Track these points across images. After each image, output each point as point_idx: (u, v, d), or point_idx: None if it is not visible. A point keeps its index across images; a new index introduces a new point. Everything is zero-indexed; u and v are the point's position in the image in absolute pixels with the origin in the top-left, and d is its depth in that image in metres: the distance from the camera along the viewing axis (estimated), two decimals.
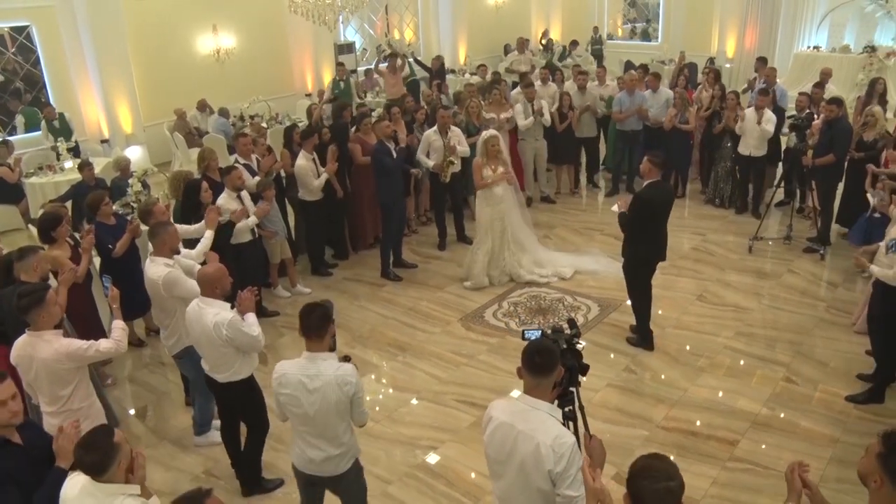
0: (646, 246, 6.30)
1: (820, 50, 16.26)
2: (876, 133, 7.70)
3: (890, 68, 14.94)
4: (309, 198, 8.13)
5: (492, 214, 7.78)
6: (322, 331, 3.65)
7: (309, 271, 8.53)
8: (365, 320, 7.36)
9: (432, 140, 8.66)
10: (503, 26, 18.98)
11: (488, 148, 7.67)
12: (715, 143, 9.93)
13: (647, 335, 6.63)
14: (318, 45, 14.56)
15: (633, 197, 6.24)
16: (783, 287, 7.69)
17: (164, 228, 5.10)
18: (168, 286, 4.88)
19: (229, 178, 6.80)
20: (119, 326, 4.47)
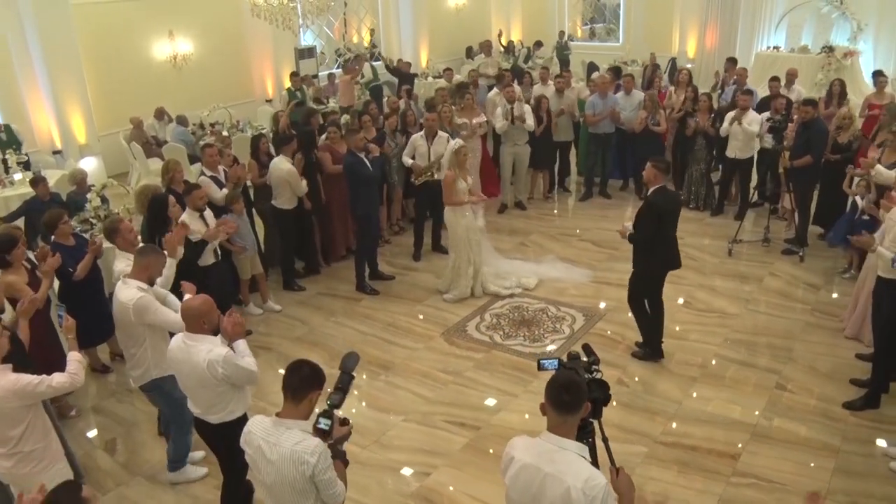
0: (660, 255, 6.10)
1: (780, 50, 16.40)
2: (850, 135, 7.64)
3: (847, 68, 15.12)
4: (286, 206, 7.79)
5: (467, 226, 7.52)
6: (300, 394, 3.20)
7: (280, 286, 8.17)
8: (343, 338, 7.04)
9: (418, 144, 8.43)
10: (464, 29, 18.78)
11: (459, 158, 7.40)
12: (688, 145, 9.84)
13: (657, 347, 6.41)
14: (278, 50, 14.16)
15: (644, 204, 6.04)
16: (766, 291, 7.60)
17: (155, 253, 4.72)
18: (139, 312, 4.49)
19: (191, 199, 6.41)
20: (75, 359, 4.11)
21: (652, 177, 5.97)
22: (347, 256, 8.73)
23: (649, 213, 5.94)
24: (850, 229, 7.54)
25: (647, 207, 5.98)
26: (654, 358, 6.38)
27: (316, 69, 14.87)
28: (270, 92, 14.26)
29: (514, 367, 6.40)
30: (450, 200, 7.43)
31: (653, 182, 5.99)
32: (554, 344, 6.71)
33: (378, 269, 8.21)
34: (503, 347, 6.72)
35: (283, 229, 7.99)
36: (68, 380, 3.95)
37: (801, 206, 8.28)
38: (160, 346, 4.58)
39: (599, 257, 8.60)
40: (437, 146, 8.39)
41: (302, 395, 3.22)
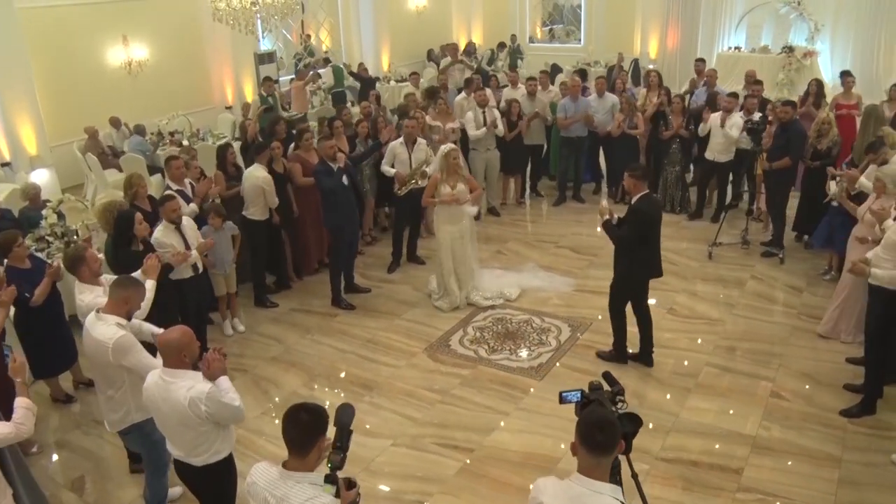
0: (643, 263, 6.00)
1: (741, 50, 16.53)
2: (829, 141, 7.56)
3: (807, 68, 15.31)
4: (258, 216, 7.43)
5: (452, 233, 7.32)
6: (306, 446, 2.92)
7: (251, 303, 7.80)
8: (321, 356, 6.72)
9: (398, 152, 8.15)
10: (424, 32, 18.55)
11: (449, 162, 7.19)
12: (663, 148, 9.74)
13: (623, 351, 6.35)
14: (238, 55, 13.71)
15: (630, 210, 5.90)
16: (751, 295, 7.51)
17: (134, 285, 4.29)
18: (119, 353, 4.06)
19: (165, 210, 6.04)
20: (22, 405, 3.71)
21: (632, 186, 5.88)
22: (320, 270, 8.42)
23: (634, 219, 5.84)
24: (829, 230, 7.53)
25: (632, 214, 5.87)
26: (618, 361, 6.29)
27: (276, 74, 14.44)
28: (230, 98, 13.81)
29: (502, 383, 6.16)
30: (427, 200, 7.35)
31: (634, 191, 5.88)
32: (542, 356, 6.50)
33: (354, 282, 7.90)
34: (489, 362, 6.48)
35: (254, 242, 7.64)
36: (12, 430, 3.57)
37: (777, 209, 8.22)
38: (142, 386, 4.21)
39: (580, 264, 8.43)
40: (417, 153, 8.13)
41: (308, 446, 2.93)
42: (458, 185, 7.24)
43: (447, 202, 7.18)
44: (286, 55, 16.10)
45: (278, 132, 8.68)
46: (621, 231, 5.95)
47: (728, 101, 9.00)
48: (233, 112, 13.37)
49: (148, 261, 5.02)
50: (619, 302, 6.27)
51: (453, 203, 7.22)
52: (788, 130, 7.78)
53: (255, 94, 13.73)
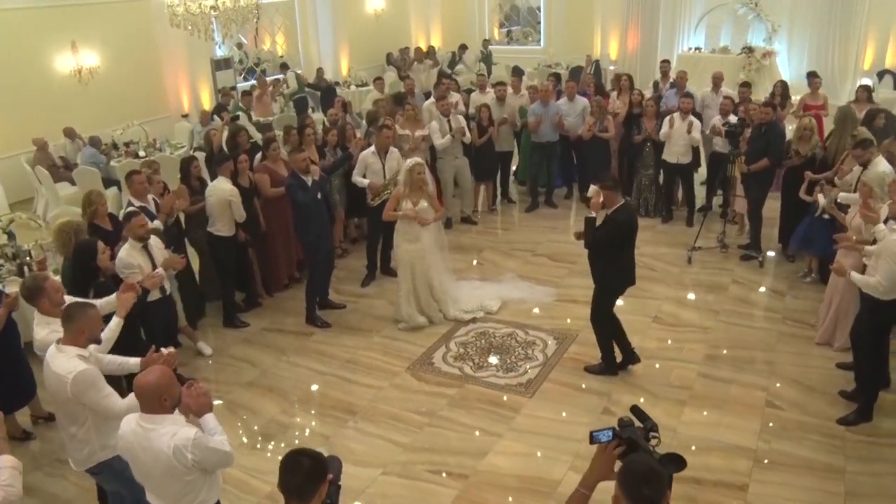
0: (619, 271, 5.93)
1: (701, 51, 16.62)
2: (811, 147, 7.48)
3: (767, 68, 15.45)
4: (225, 232, 7.06)
5: (411, 252, 6.98)
6: (307, 495, 2.67)
7: (220, 323, 7.41)
8: (299, 379, 6.39)
9: (370, 162, 7.83)
10: (384, 35, 18.23)
11: (413, 177, 6.85)
12: (635, 151, 9.65)
13: (611, 362, 6.20)
14: (194, 62, 13.22)
15: (607, 220, 5.73)
16: (734, 300, 7.42)
17: (84, 311, 3.91)
18: (80, 388, 3.71)
19: (131, 227, 5.61)
20: (8, 465, 3.30)
21: (606, 197, 5.74)
22: (291, 285, 8.09)
23: (611, 228, 5.72)
24: (806, 232, 7.48)
25: (610, 223, 5.73)
26: (608, 373, 6.17)
27: (234, 81, 14.01)
28: (186, 107, 13.30)
29: (491, 402, 5.92)
30: (388, 214, 6.99)
31: (610, 201, 5.73)
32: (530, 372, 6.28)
33: (328, 297, 7.58)
34: (476, 380, 6.23)
35: (220, 259, 7.27)
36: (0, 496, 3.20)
37: (754, 211, 8.15)
38: (107, 423, 3.85)
39: (559, 273, 8.25)
40: (390, 162, 7.85)
41: (309, 496, 2.65)
42: (421, 202, 6.90)
43: (410, 217, 6.84)
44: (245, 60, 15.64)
45: (240, 143, 8.30)
46: (599, 233, 5.81)
47: (685, 102, 8.94)
48: (189, 120, 12.86)
49: (122, 294, 4.61)
50: (602, 311, 6.15)
51: (415, 221, 6.88)
52: (768, 132, 7.71)
53: (212, 101, 13.26)
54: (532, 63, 17.87)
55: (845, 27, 15.27)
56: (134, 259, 5.59)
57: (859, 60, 15.29)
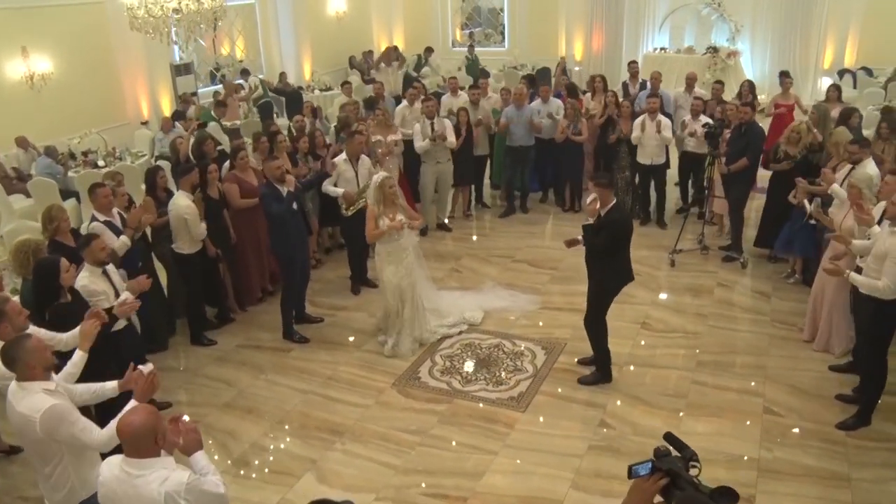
0: (616, 272, 5.85)
1: (666, 51, 16.66)
2: (801, 148, 7.39)
3: (732, 68, 15.55)
4: (188, 250, 6.71)
5: (398, 273, 6.59)
6: None
7: (188, 341, 7.05)
8: (279, 399, 6.07)
9: (343, 170, 7.52)
10: (346, 38, 17.90)
11: (385, 192, 6.45)
12: (611, 153, 9.52)
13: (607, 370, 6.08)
14: (153, 67, 12.73)
15: (606, 222, 5.63)
16: (720, 303, 7.33)
17: (20, 346, 3.52)
18: (50, 425, 3.36)
19: (90, 252, 5.21)
20: None
21: (602, 195, 5.67)
22: (264, 299, 7.77)
23: (611, 230, 5.63)
24: (789, 236, 7.43)
25: (609, 225, 5.64)
26: (604, 381, 6.04)
27: (195, 86, 13.55)
28: (146, 113, 12.80)
29: (483, 417, 5.69)
30: (372, 234, 6.55)
31: (605, 200, 5.67)
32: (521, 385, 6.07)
33: (305, 311, 7.28)
34: (466, 395, 6.00)
35: (187, 277, 6.92)
36: None
37: (735, 212, 8.08)
38: (85, 457, 3.53)
39: (541, 279, 8.07)
40: (362, 169, 7.58)
41: None
42: (398, 216, 6.53)
43: (397, 228, 6.46)
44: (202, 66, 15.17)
45: (207, 151, 7.94)
46: (598, 240, 5.69)
47: (651, 102, 8.86)
48: (149, 128, 12.41)
49: (87, 323, 4.25)
50: (596, 315, 6.00)
51: (402, 230, 6.52)
52: (747, 132, 7.64)
53: (173, 108, 12.81)
54: (497, 65, 17.75)
55: (806, 27, 15.45)
56: (97, 285, 5.21)
57: (819, 60, 15.49)
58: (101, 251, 5.28)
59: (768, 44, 16.03)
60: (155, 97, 12.91)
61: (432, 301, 7.09)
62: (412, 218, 6.77)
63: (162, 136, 10.79)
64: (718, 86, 10.09)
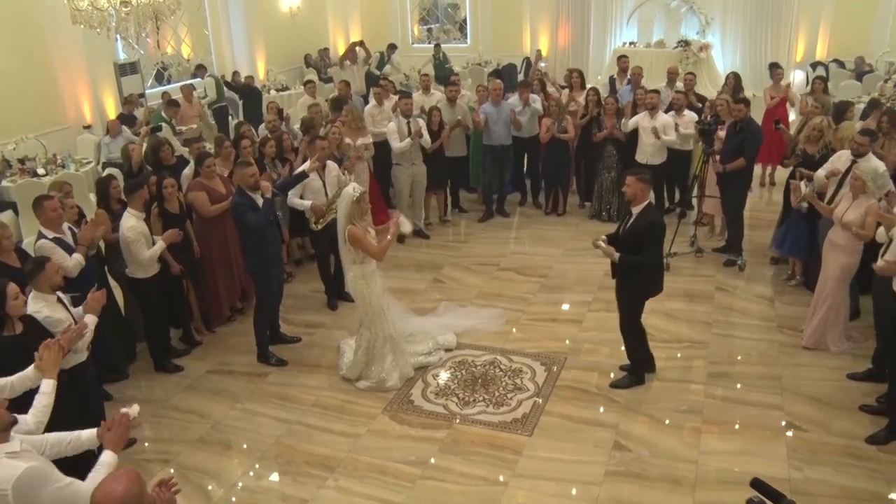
0: (652, 273, 5.70)
1: (636, 45, 16.60)
2: (821, 147, 7.15)
3: (704, 61, 15.56)
4: (141, 274, 6.21)
5: (379, 290, 6.06)
6: None
7: (151, 368, 6.55)
8: (260, 431, 5.63)
9: (308, 180, 7.03)
10: (301, 36, 17.41)
11: (363, 208, 5.93)
12: (596, 152, 9.31)
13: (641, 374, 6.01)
14: (95, 66, 12.02)
15: (645, 226, 5.47)
16: (724, 309, 7.14)
17: None
18: (28, 493, 2.89)
19: (45, 277, 4.72)
20: None
21: (638, 191, 5.51)
22: (234, 318, 7.34)
23: (653, 234, 5.47)
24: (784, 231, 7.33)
25: (649, 229, 5.46)
26: (637, 383, 5.96)
27: (142, 86, 12.91)
28: (88, 116, 12.10)
29: (487, 443, 5.35)
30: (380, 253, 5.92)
31: (639, 198, 5.52)
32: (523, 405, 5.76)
33: (280, 331, 6.85)
34: (466, 419, 5.65)
35: (145, 303, 6.42)
36: None
37: (733, 213, 7.91)
38: None
39: (529, 288, 7.78)
40: (329, 177, 7.19)
41: None
42: (369, 232, 6.00)
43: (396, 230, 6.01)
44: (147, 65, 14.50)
45: (163, 158, 7.45)
46: (644, 256, 5.49)
47: (651, 97, 8.65)
48: (93, 132, 11.75)
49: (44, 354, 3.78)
50: (633, 319, 5.87)
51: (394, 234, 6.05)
52: (743, 130, 7.47)
53: (118, 110, 12.15)
54: (460, 62, 17.46)
55: (776, 20, 15.59)
56: (56, 313, 4.73)
57: (791, 53, 15.62)
58: (55, 274, 4.79)
59: (739, 37, 16.13)
60: (98, 98, 12.22)
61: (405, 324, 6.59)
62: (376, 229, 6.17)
63: (109, 140, 10.17)
64: (691, 76, 9.98)
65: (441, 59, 15.96)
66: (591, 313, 7.21)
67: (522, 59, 17.06)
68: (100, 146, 10.74)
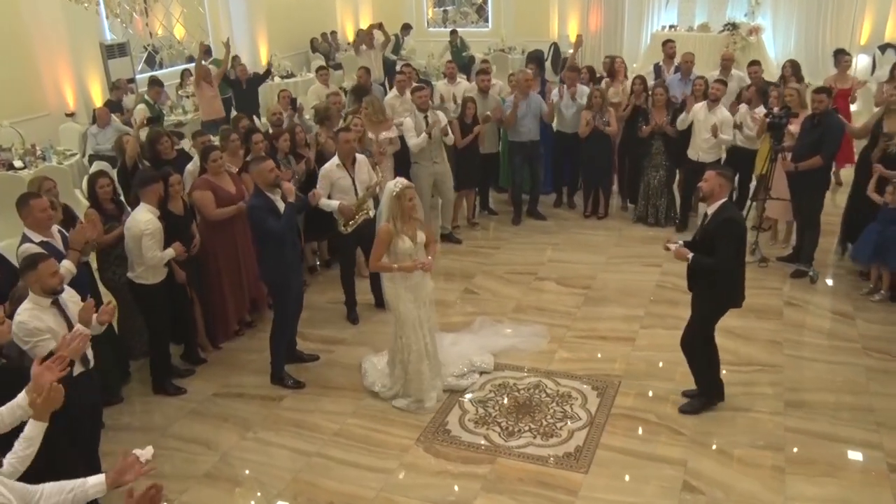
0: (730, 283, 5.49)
1: (676, 29, 16.34)
2: None
3: (753, 46, 15.26)
4: (151, 279, 5.97)
5: (416, 301, 5.86)
6: None
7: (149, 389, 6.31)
8: (276, 465, 5.37)
9: (336, 178, 6.83)
10: (306, 18, 17.28)
11: (404, 205, 5.65)
12: (642, 148, 9.04)
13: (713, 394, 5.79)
14: (79, 48, 11.81)
15: (723, 223, 5.30)
16: (796, 328, 6.87)
17: None
18: None
19: (36, 278, 4.48)
20: None
21: (717, 188, 5.38)
22: (243, 332, 7.13)
23: (731, 233, 5.28)
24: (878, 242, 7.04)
25: (727, 226, 5.28)
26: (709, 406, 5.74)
27: (132, 71, 12.70)
28: (72, 103, 11.89)
29: (537, 481, 5.07)
30: (378, 264, 5.77)
31: (717, 195, 5.38)
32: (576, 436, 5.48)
33: (297, 348, 6.62)
34: (511, 452, 5.38)
35: (149, 313, 6.18)
36: None
37: (809, 218, 7.61)
38: None
39: (573, 301, 7.52)
40: (359, 174, 6.94)
41: None
42: (418, 234, 5.79)
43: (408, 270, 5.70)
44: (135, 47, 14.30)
45: (161, 152, 7.20)
46: (720, 258, 5.29)
47: (717, 87, 8.37)
48: (77, 120, 11.54)
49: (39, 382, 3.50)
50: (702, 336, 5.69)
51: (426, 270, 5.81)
52: (822, 123, 7.17)
53: (104, 96, 11.95)
54: (481, 48, 17.25)
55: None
56: (42, 321, 4.46)
57: (855, 34, 15.22)
58: (51, 277, 4.52)
59: (794, 18, 15.81)
60: (83, 83, 12.02)
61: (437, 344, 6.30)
62: (430, 238, 6.02)
63: (97, 130, 9.98)
64: (756, 67, 9.57)
65: (458, 46, 15.72)
66: (644, 330, 6.96)
67: (550, 44, 16.81)
68: (86, 136, 10.54)
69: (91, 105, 11.66)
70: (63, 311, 4.66)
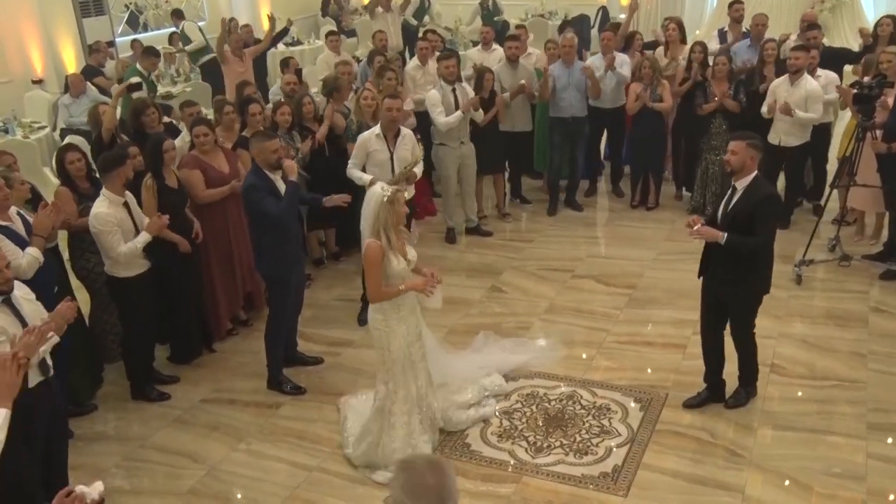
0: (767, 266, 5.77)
1: None
2: None
3: (847, 6, 15.29)
4: (124, 273, 6.18)
5: (407, 335, 5.59)
6: None
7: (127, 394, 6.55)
8: (272, 481, 5.58)
9: (374, 149, 7.15)
10: None
11: (398, 213, 5.37)
12: (700, 127, 9.19)
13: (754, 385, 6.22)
14: (47, 7, 12.16)
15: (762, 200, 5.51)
16: (884, 337, 6.96)
17: None
18: None
19: None
20: None
21: (748, 160, 5.55)
22: (236, 331, 7.42)
23: (768, 211, 5.54)
24: None
25: (770, 203, 5.60)
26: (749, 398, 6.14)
27: (111, 33, 13.04)
28: (39, 69, 12.26)
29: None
30: (382, 291, 5.41)
31: (748, 168, 5.57)
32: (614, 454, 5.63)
33: (297, 349, 6.88)
34: (538, 470, 5.55)
35: (126, 309, 6.40)
36: None
37: None
38: None
39: (615, 302, 7.71)
40: (400, 150, 7.24)
41: None
42: (409, 251, 5.55)
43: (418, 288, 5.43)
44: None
45: (147, 124, 7.42)
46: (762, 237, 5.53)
47: (797, 56, 8.45)
48: (46, 88, 11.87)
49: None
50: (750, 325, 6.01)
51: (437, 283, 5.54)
52: None
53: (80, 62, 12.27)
54: (516, 12, 17.43)
55: None
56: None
57: None
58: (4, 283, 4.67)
59: None
60: (52, 46, 12.38)
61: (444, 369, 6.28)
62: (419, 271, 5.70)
63: (70, 100, 10.31)
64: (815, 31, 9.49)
65: (490, 10, 15.91)
66: (697, 336, 6.96)
67: (598, 8, 16.98)
68: (56, 107, 10.85)
69: (63, 71, 11.99)
70: (16, 309, 4.75)
